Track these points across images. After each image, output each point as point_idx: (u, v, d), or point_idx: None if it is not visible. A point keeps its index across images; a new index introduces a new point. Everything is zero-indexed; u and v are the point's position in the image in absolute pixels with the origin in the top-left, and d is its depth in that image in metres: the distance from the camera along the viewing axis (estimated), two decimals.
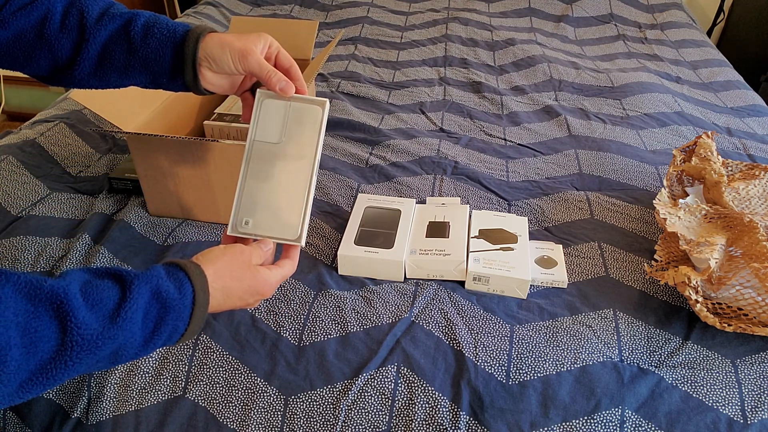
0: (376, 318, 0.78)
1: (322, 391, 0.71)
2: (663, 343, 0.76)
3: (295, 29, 1.19)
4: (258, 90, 0.63)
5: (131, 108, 0.94)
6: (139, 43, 0.60)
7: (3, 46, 0.59)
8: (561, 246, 0.91)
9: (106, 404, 0.74)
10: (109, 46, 0.60)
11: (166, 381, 0.74)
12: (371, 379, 0.72)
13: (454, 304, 0.80)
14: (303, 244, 0.59)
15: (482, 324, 0.77)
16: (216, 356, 0.75)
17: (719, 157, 0.99)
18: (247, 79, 0.65)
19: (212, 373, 0.74)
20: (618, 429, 0.67)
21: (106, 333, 0.44)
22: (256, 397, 0.72)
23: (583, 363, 0.72)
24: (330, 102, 1.32)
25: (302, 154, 0.60)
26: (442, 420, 0.69)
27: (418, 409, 0.70)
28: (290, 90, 0.61)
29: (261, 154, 0.60)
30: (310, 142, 0.60)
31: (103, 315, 0.44)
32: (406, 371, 0.72)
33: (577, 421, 0.68)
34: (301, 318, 0.78)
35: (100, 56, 0.60)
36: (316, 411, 0.70)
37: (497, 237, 0.89)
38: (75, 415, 0.75)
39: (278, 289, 0.82)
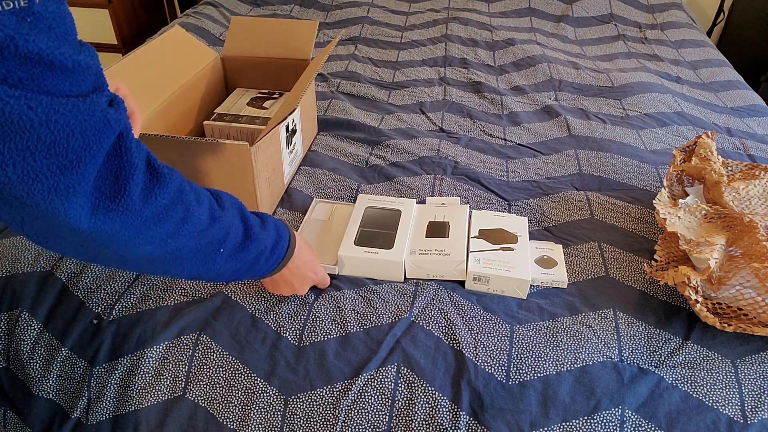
0: (376, 318, 0.78)
1: (322, 391, 0.71)
2: (663, 343, 0.76)
3: (295, 29, 1.19)
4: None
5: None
6: None
7: None
8: (561, 246, 0.91)
9: (106, 404, 0.74)
10: None
11: (166, 381, 0.74)
12: (371, 379, 0.72)
13: (454, 304, 0.80)
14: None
15: (482, 324, 0.77)
16: (216, 356, 0.75)
17: (719, 157, 0.99)
18: None
19: (212, 373, 0.74)
20: (618, 429, 0.67)
21: (262, 232, 0.66)
22: (256, 397, 0.72)
23: (583, 363, 0.72)
24: (330, 101, 1.31)
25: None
26: (442, 420, 0.69)
27: (418, 409, 0.70)
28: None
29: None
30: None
31: (257, 224, 0.66)
32: (406, 371, 0.72)
33: (577, 421, 0.68)
34: (301, 318, 0.78)
35: None
36: (316, 411, 0.70)
37: (497, 237, 0.89)
38: (75, 415, 0.75)
39: None
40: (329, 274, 0.85)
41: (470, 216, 0.94)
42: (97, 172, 0.48)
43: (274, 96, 1.18)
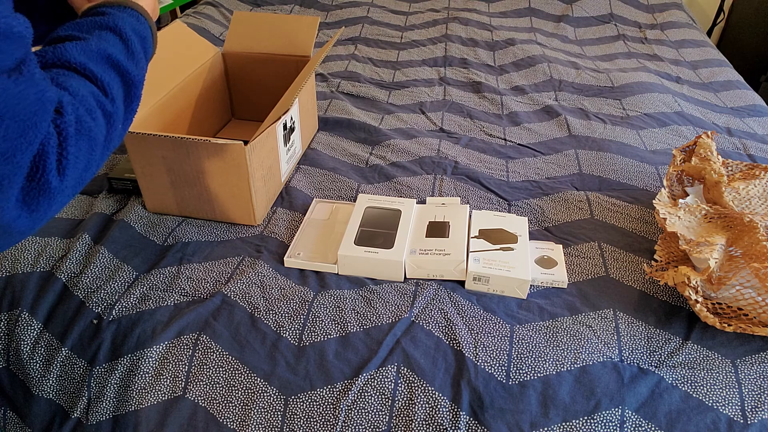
0: (376, 318, 0.78)
1: (322, 391, 0.71)
2: (663, 343, 0.76)
3: (296, 26, 1.19)
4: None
5: None
6: None
7: None
8: (561, 246, 0.91)
9: (106, 404, 0.74)
10: None
11: (166, 381, 0.74)
12: (371, 379, 0.72)
13: (454, 304, 0.80)
14: None
15: (482, 324, 0.77)
16: (216, 356, 0.75)
17: (719, 157, 0.99)
18: None
19: (212, 373, 0.74)
20: (618, 429, 0.67)
21: (136, 69, 0.58)
22: (256, 397, 0.72)
23: (583, 363, 0.72)
24: (330, 101, 1.32)
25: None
26: (442, 420, 0.69)
27: (418, 409, 0.70)
28: None
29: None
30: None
31: (128, 58, 0.57)
32: (406, 371, 0.72)
33: (577, 421, 0.68)
34: (301, 318, 0.78)
35: None
36: (316, 411, 0.70)
37: (497, 237, 0.89)
38: (75, 415, 0.75)
39: (278, 289, 0.82)
40: (330, 274, 0.85)
41: (470, 216, 0.94)
42: (32, 159, 0.42)
43: None
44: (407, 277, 0.86)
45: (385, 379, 0.72)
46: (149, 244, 0.91)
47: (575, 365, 0.72)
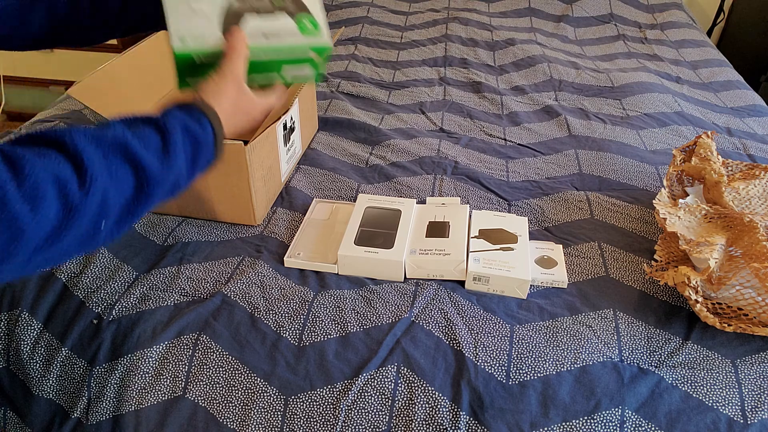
0: (376, 318, 0.78)
1: (322, 391, 0.71)
2: (663, 343, 0.76)
3: None
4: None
5: (131, 106, 0.94)
6: None
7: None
8: (561, 246, 0.91)
9: (106, 404, 0.74)
10: None
11: (166, 381, 0.74)
12: (371, 379, 0.72)
13: (454, 304, 0.80)
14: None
15: (482, 324, 0.77)
16: (216, 356, 0.75)
17: (719, 157, 0.99)
18: None
19: (212, 373, 0.74)
20: (618, 429, 0.67)
21: (165, 168, 0.52)
22: (256, 397, 0.72)
23: (583, 363, 0.72)
24: (330, 101, 1.32)
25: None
26: (442, 420, 0.69)
27: (418, 409, 0.70)
28: None
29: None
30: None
31: (157, 155, 0.52)
32: (406, 371, 0.72)
33: (577, 421, 0.68)
34: (301, 318, 0.78)
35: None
36: (316, 411, 0.70)
37: (497, 237, 0.89)
38: (75, 415, 0.75)
39: (278, 289, 0.82)
40: (330, 274, 0.85)
41: (470, 216, 0.94)
42: None
43: None
44: (407, 277, 0.86)
45: (385, 379, 0.72)
46: (149, 244, 0.91)
47: (575, 365, 0.72)
